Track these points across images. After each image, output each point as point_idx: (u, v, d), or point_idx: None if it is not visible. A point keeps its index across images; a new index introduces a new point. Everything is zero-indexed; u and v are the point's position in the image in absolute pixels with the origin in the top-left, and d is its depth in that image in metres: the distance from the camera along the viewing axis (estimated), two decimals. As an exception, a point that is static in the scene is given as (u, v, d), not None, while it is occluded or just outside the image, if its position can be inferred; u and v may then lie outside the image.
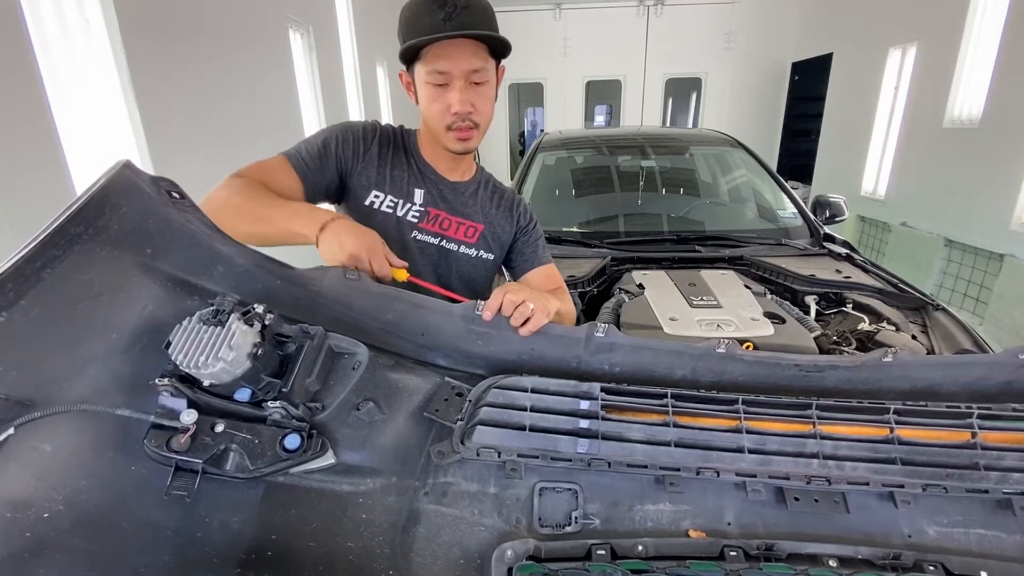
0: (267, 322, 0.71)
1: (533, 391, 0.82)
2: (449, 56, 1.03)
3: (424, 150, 1.23)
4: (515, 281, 1.37)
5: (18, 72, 2.05)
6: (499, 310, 0.89)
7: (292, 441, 0.69)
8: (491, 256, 1.28)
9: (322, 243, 0.91)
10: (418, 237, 1.20)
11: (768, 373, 0.89)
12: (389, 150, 1.20)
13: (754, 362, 0.89)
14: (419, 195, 1.19)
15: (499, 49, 1.09)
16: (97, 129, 2.54)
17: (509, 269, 1.38)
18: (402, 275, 0.98)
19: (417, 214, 1.19)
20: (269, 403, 0.69)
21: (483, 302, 0.90)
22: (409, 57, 1.07)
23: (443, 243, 1.22)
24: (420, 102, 1.12)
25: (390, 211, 1.17)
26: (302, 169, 1.10)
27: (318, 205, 1.13)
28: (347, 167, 1.16)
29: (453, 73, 1.04)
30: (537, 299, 0.91)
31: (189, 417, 0.66)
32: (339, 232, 0.91)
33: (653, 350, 0.90)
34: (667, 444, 0.78)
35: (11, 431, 0.57)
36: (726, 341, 0.88)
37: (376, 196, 1.17)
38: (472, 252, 1.25)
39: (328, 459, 0.72)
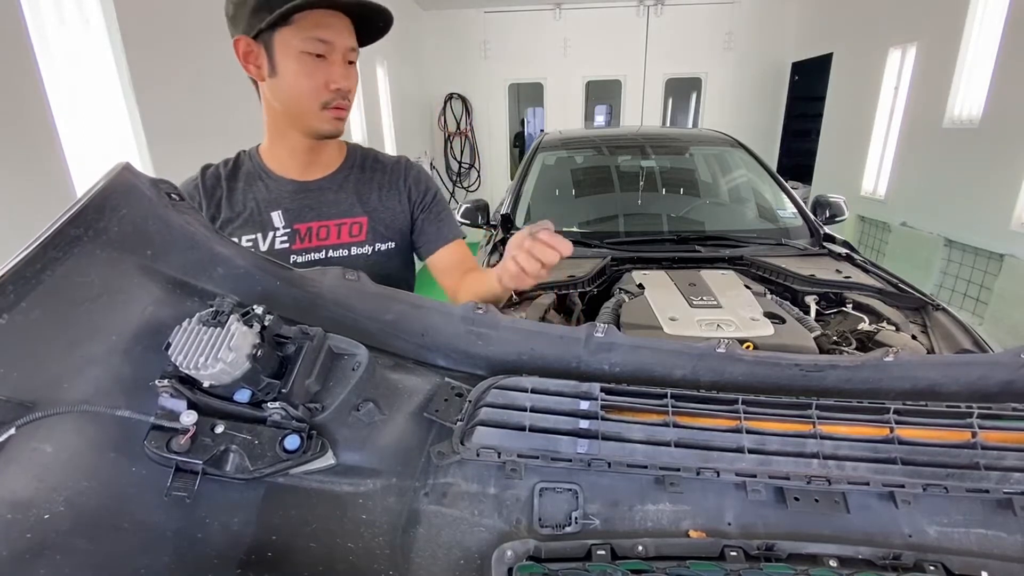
0: (266, 323, 0.71)
1: (533, 391, 0.82)
2: (333, 26, 0.93)
3: (270, 159, 1.09)
4: (426, 262, 1.22)
5: (18, 72, 2.05)
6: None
7: (292, 442, 0.69)
8: (391, 244, 1.15)
9: None
10: (299, 260, 1.08)
11: (768, 373, 0.89)
12: (219, 190, 1.08)
13: (754, 362, 0.89)
14: (277, 217, 1.07)
15: (367, 36, 1.00)
16: (97, 129, 2.55)
17: (415, 250, 1.22)
18: None
19: (284, 237, 1.07)
20: (269, 404, 0.69)
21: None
22: (270, 20, 0.91)
23: (330, 253, 1.10)
24: (282, 75, 0.97)
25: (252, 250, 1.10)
26: None
27: None
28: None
29: (336, 45, 0.94)
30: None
31: (189, 418, 0.66)
32: None
33: (653, 350, 0.90)
34: (667, 444, 0.78)
35: (12, 431, 0.57)
36: (726, 341, 0.88)
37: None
38: (367, 249, 1.12)
39: (328, 460, 0.72)
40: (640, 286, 1.86)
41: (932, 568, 0.69)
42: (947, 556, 0.70)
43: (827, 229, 2.51)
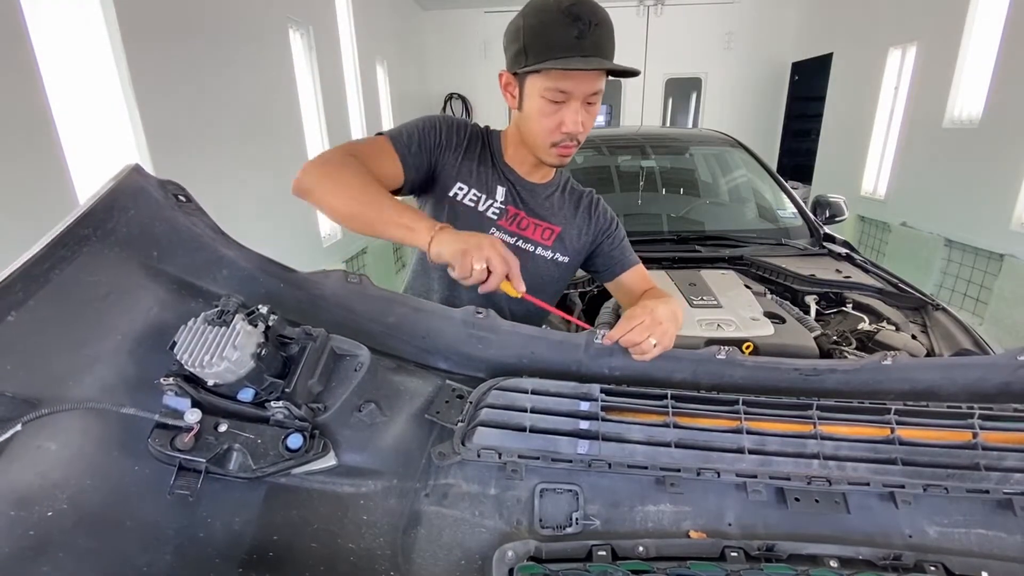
0: (270, 323, 0.72)
1: (533, 392, 0.83)
2: (578, 78, 1.00)
3: (507, 152, 1.22)
4: (606, 284, 1.35)
5: (18, 73, 2.05)
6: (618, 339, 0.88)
7: (295, 441, 0.70)
8: (566, 259, 1.27)
9: (436, 240, 0.86)
10: (496, 235, 1.19)
11: (768, 377, 0.89)
12: (477, 145, 1.21)
13: (754, 366, 0.89)
14: (501, 192, 1.20)
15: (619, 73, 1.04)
16: (97, 130, 2.55)
17: (596, 273, 1.35)
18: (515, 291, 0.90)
19: (497, 211, 1.19)
20: (272, 403, 0.69)
21: (603, 331, 0.88)
22: (524, 68, 1.03)
23: (519, 243, 1.22)
24: (526, 111, 1.10)
25: (472, 204, 1.18)
26: (403, 153, 1.09)
27: (404, 198, 1.14)
28: (440, 155, 1.16)
29: (574, 93, 1.03)
30: (666, 330, 0.88)
31: (193, 416, 0.66)
32: (457, 231, 0.89)
33: None
34: (667, 445, 0.78)
35: (18, 427, 0.57)
36: (727, 349, 0.88)
37: (460, 188, 1.17)
38: (548, 254, 1.25)
39: (330, 460, 0.73)
40: (640, 286, 1.86)
41: (932, 568, 0.69)
42: (947, 556, 0.71)
43: (827, 229, 2.51)
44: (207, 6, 3.25)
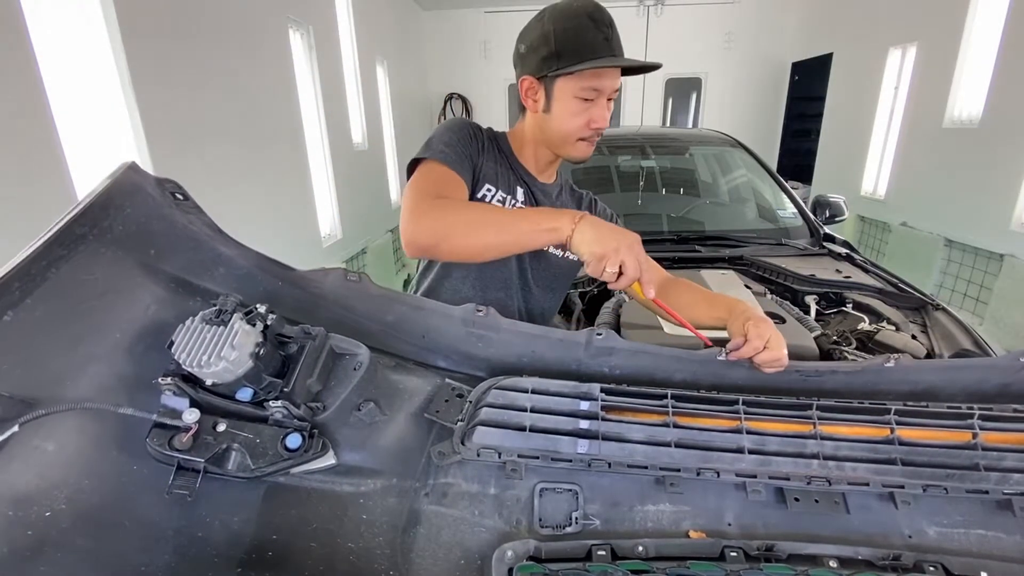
0: (269, 322, 0.71)
1: (533, 392, 0.82)
2: (608, 76, 1.07)
3: (521, 153, 1.24)
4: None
5: (18, 72, 2.05)
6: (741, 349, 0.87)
7: (293, 441, 0.70)
8: (575, 256, 1.25)
9: (578, 233, 0.89)
10: None
11: (768, 378, 0.89)
12: (494, 147, 1.23)
13: (755, 367, 0.89)
14: (521, 193, 1.22)
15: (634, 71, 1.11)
16: (97, 129, 2.55)
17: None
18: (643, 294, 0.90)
19: None
20: (271, 403, 0.69)
21: (723, 349, 0.88)
22: (560, 72, 1.06)
23: None
24: (555, 112, 1.12)
25: (499, 205, 1.19)
26: (459, 171, 1.11)
27: None
28: (475, 160, 1.18)
29: (604, 91, 1.08)
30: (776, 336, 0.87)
31: (191, 416, 0.66)
32: (597, 224, 0.90)
33: (653, 354, 0.90)
34: (667, 445, 0.78)
35: (15, 428, 0.57)
36: (727, 351, 0.88)
37: (489, 189, 1.18)
38: (559, 252, 1.28)
39: (329, 459, 0.73)
40: (640, 286, 1.86)
41: (932, 568, 0.69)
42: (946, 557, 0.71)
43: (827, 229, 2.51)
44: (207, 5, 3.25)
